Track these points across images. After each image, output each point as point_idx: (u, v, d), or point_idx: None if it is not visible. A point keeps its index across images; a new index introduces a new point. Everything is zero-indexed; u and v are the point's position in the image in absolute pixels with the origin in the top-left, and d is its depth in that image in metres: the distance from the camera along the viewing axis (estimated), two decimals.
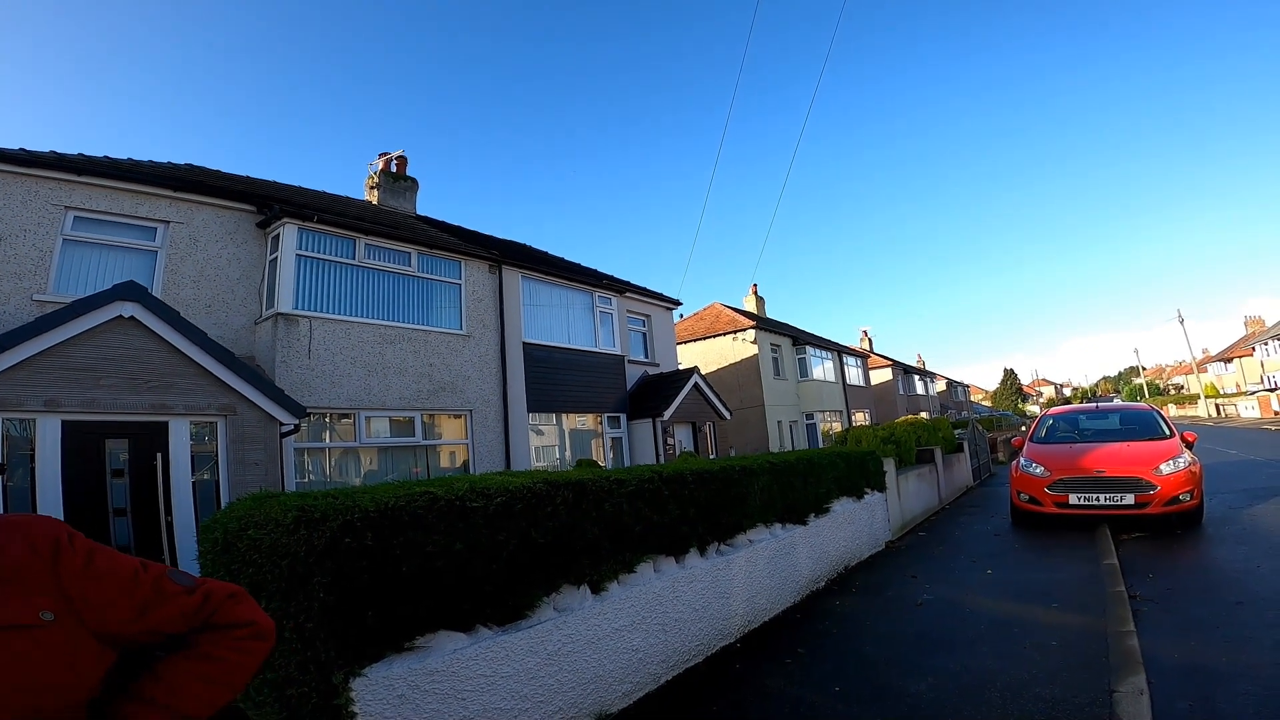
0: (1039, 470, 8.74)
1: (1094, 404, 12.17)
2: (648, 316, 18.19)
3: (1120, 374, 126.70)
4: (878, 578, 6.94)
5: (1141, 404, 11.46)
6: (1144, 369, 78.66)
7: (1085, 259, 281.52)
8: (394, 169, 15.42)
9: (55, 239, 8.34)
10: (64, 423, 6.76)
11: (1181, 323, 50.19)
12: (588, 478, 4.15)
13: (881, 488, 8.93)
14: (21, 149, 8.42)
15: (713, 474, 5.30)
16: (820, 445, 23.84)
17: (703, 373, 17.64)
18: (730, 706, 3.85)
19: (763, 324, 25.43)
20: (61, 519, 4.65)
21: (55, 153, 8.89)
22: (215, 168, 12.37)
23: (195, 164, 12.12)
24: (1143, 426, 9.61)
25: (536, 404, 13.35)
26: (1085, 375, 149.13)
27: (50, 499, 6.58)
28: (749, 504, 5.73)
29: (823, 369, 28.28)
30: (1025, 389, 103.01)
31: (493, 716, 3.20)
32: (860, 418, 31.09)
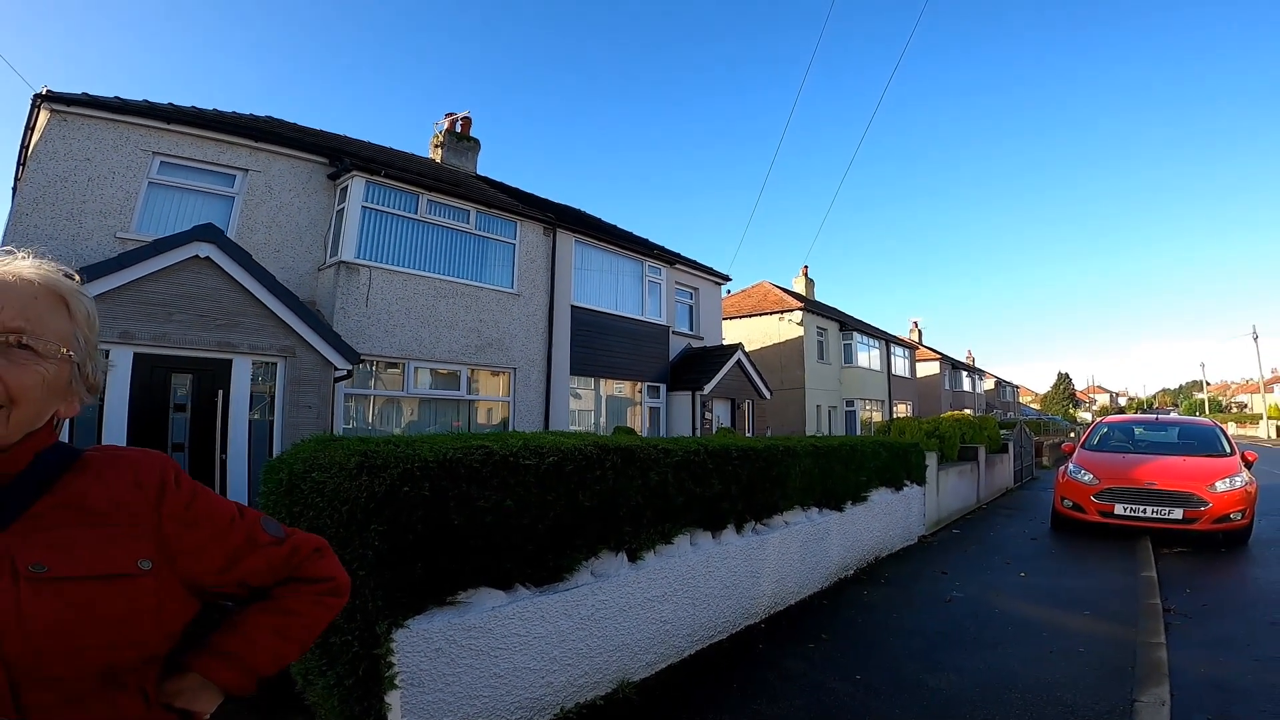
0: (1087, 477, 8.55)
1: (1153, 415, 11.79)
2: (695, 290, 18.14)
3: (1181, 387, 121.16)
4: (908, 571, 6.92)
5: (1204, 419, 11.08)
6: (1208, 384, 75.29)
7: (1157, 260, 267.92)
8: (459, 129, 15.55)
9: (141, 181, 8.76)
10: (135, 355, 7.12)
11: (1255, 339, 47.83)
12: (636, 444, 4.07)
13: (921, 481, 8.83)
14: (116, 97, 8.82)
15: (756, 452, 5.26)
16: (859, 433, 23.63)
17: (746, 350, 17.56)
18: (749, 684, 3.91)
19: (810, 306, 25.08)
20: None
21: (148, 101, 9.30)
22: (293, 120, 12.72)
23: (275, 116, 12.53)
24: (1202, 442, 9.28)
25: (579, 367, 13.52)
26: (1144, 385, 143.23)
27: (116, 429, 6.92)
28: (789, 485, 5.69)
29: (868, 357, 27.85)
30: (1078, 394, 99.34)
31: (521, 675, 3.23)
32: (902, 409, 30.59)
